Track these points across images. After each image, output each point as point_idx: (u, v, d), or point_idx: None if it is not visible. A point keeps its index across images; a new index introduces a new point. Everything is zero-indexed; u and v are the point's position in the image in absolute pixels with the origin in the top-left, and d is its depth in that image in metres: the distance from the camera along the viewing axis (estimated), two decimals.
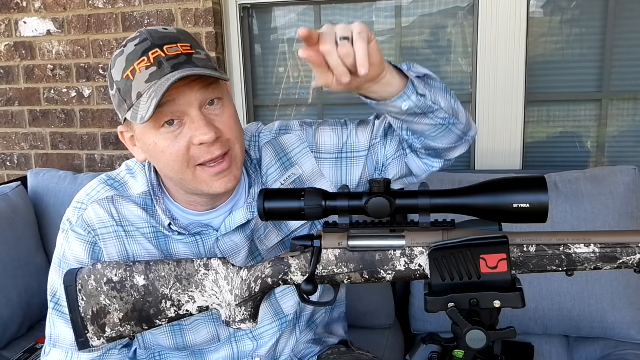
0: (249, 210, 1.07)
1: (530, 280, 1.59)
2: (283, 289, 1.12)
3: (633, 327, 1.64)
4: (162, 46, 0.93)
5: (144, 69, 0.92)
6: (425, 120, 1.00)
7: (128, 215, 1.06)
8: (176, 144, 0.95)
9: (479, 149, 2.11)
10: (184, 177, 0.99)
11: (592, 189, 1.68)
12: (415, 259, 0.83)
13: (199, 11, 2.15)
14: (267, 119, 2.38)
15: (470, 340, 0.78)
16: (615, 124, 2.08)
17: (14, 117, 2.46)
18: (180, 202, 1.08)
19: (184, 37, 0.98)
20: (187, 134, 0.95)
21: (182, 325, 1.10)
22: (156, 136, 0.96)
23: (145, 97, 0.91)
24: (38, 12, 2.32)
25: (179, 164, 0.97)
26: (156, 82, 0.91)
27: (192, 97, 0.94)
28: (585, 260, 0.78)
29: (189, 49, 0.96)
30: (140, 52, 0.93)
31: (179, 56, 0.93)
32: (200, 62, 0.95)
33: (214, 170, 0.97)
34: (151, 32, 0.96)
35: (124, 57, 0.94)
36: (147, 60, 0.92)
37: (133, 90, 0.93)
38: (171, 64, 0.92)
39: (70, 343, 1.06)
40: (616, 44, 2.00)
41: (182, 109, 0.94)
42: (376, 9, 2.20)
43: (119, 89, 0.95)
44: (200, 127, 0.93)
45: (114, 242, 1.06)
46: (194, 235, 1.07)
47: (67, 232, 1.07)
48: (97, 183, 1.10)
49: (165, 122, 0.94)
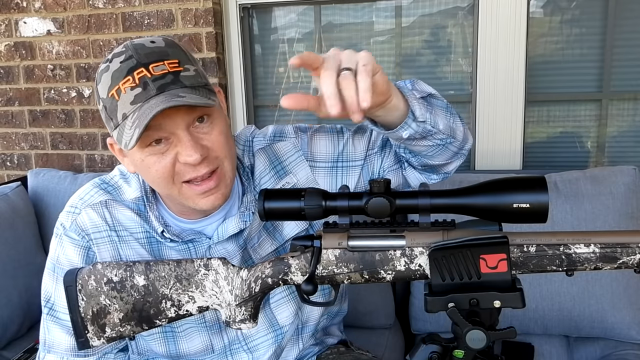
0: (241, 220, 1.05)
1: (530, 280, 1.60)
2: (278, 299, 1.11)
3: (633, 327, 1.64)
4: (147, 65, 0.90)
5: (129, 89, 0.89)
6: (423, 142, 0.98)
7: (122, 219, 1.05)
8: (162, 161, 0.93)
9: (479, 149, 2.11)
10: (171, 193, 0.98)
11: (592, 189, 1.68)
12: (415, 259, 0.83)
13: (199, 11, 2.15)
14: (267, 119, 2.38)
15: (470, 340, 0.78)
16: (615, 124, 2.08)
17: (14, 117, 2.46)
18: (173, 210, 1.07)
19: (173, 51, 0.94)
20: (173, 151, 0.93)
21: (175, 332, 1.09)
22: (142, 153, 0.94)
23: (129, 120, 0.89)
24: (38, 12, 2.32)
25: (165, 180, 0.95)
26: (141, 105, 0.88)
27: (178, 119, 0.91)
28: (585, 260, 0.78)
29: (177, 65, 0.92)
30: (125, 70, 0.90)
31: (165, 75, 0.90)
32: (188, 81, 0.91)
33: (200, 188, 0.96)
34: (137, 48, 0.92)
35: (109, 74, 0.91)
36: (132, 81, 0.89)
37: (118, 111, 0.90)
38: (157, 84, 0.89)
39: (65, 348, 1.06)
40: (616, 44, 2.00)
41: (168, 131, 0.92)
42: (376, 9, 2.20)
43: (105, 106, 0.93)
44: (187, 147, 0.91)
45: (108, 246, 1.05)
46: (186, 242, 1.06)
47: (61, 236, 1.06)
48: (91, 187, 1.09)
49: (153, 141, 0.92)
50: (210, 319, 1.09)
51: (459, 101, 2.17)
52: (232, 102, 2.30)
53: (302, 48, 2.28)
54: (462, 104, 2.17)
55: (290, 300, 1.12)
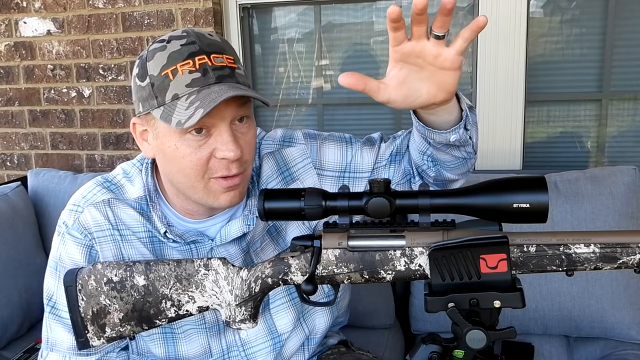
0: (244, 223, 1.05)
1: (530, 280, 1.60)
2: (278, 305, 1.11)
3: (633, 327, 1.64)
4: (209, 53, 0.91)
5: (187, 72, 0.90)
6: (455, 151, 0.99)
7: (124, 218, 1.05)
8: (198, 153, 0.93)
9: (479, 149, 2.10)
10: (195, 186, 0.97)
11: (592, 189, 1.68)
12: (415, 259, 0.83)
13: (199, 11, 2.15)
14: (267, 119, 2.38)
15: (470, 340, 0.78)
16: (615, 124, 2.08)
17: (14, 117, 2.46)
18: (177, 208, 1.06)
19: (228, 48, 0.96)
20: (211, 145, 0.93)
21: (175, 334, 1.09)
22: (179, 140, 0.93)
23: (184, 101, 0.89)
24: (38, 12, 2.32)
25: (195, 172, 0.95)
26: (199, 89, 0.89)
27: (226, 112, 0.92)
28: (585, 260, 0.78)
29: (233, 62, 0.94)
30: (186, 54, 0.91)
31: (224, 68, 0.92)
32: (241, 79, 0.94)
33: (227, 182, 0.96)
34: (199, 36, 0.94)
35: (165, 53, 0.92)
36: (192, 65, 0.90)
37: (169, 90, 0.90)
38: (216, 74, 0.90)
39: (67, 347, 1.06)
40: (616, 44, 2.00)
41: (213, 121, 0.92)
42: (376, 9, 2.20)
43: (152, 83, 0.92)
44: (228, 142, 0.92)
45: (110, 245, 1.04)
46: (188, 243, 1.05)
47: (64, 235, 1.05)
48: (93, 185, 1.08)
49: (194, 129, 0.92)
50: (210, 320, 1.09)
51: None
52: None
53: (302, 48, 2.29)
54: None
55: (290, 307, 1.12)
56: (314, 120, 2.34)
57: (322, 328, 1.19)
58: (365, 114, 2.30)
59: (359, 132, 2.28)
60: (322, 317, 1.18)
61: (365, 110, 2.30)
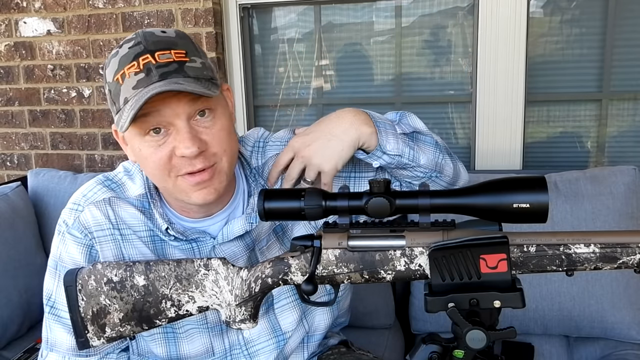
0: (247, 221, 1.04)
1: (530, 280, 1.60)
2: (283, 304, 1.11)
3: (633, 327, 1.64)
4: (154, 52, 0.90)
5: (133, 74, 0.90)
6: (401, 171, 1.06)
7: (125, 217, 1.05)
8: (159, 152, 0.93)
9: (479, 149, 2.11)
10: (166, 186, 0.98)
11: (592, 189, 1.68)
12: (415, 259, 0.83)
13: (199, 11, 2.15)
14: (267, 119, 2.38)
15: (470, 340, 0.78)
16: (615, 124, 2.08)
17: (14, 117, 2.46)
18: (174, 207, 1.06)
19: (182, 42, 0.95)
20: (170, 144, 0.93)
21: (177, 333, 1.09)
22: (141, 142, 0.94)
23: (129, 104, 0.89)
24: (38, 12, 2.32)
25: (160, 172, 0.95)
26: (142, 89, 0.89)
27: (178, 109, 0.91)
28: (585, 260, 0.78)
29: (183, 56, 0.92)
30: (132, 56, 0.91)
31: (170, 64, 0.90)
32: (193, 72, 0.92)
33: (194, 179, 0.95)
34: (146, 35, 0.93)
35: (117, 59, 0.92)
36: (137, 66, 0.90)
37: (121, 95, 0.91)
38: (160, 72, 0.89)
39: (67, 347, 1.06)
40: (616, 44, 2.00)
41: (167, 120, 0.92)
42: (376, 9, 2.19)
43: (110, 90, 0.94)
44: (184, 139, 0.91)
45: (110, 245, 1.04)
46: (190, 242, 1.05)
47: (64, 234, 1.05)
48: (94, 184, 1.08)
49: (152, 129, 0.92)
50: (212, 320, 1.09)
51: (459, 101, 2.17)
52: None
53: (302, 48, 2.29)
54: (462, 104, 2.17)
55: (295, 306, 1.12)
56: (314, 121, 2.33)
57: (321, 326, 1.19)
58: None
59: None
60: (323, 315, 1.19)
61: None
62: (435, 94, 2.21)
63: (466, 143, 2.18)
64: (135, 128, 0.92)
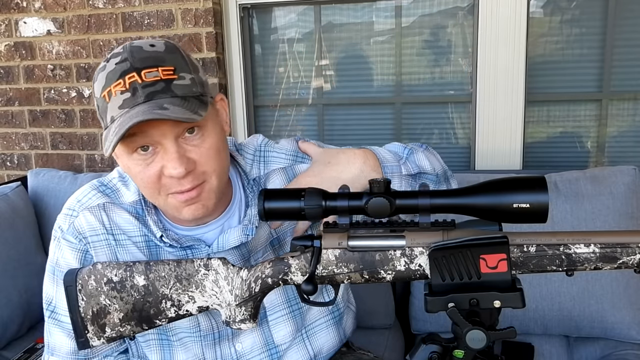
0: (243, 233, 1.02)
1: (530, 280, 1.60)
2: (277, 317, 1.10)
3: (633, 327, 1.64)
4: (140, 70, 0.88)
5: (119, 92, 0.88)
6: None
7: (120, 222, 1.04)
8: (147, 171, 0.92)
9: (479, 149, 2.11)
10: (157, 201, 0.98)
11: (592, 189, 1.68)
12: (415, 259, 0.83)
13: (199, 11, 2.15)
14: (267, 119, 2.38)
15: (470, 340, 0.78)
16: (615, 124, 2.08)
17: (14, 117, 2.46)
18: (168, 216, 1.05)
19: (171, 57, 0.92)
20: (159, 163, 0.91)
21: (171, 342, 1.08)
22: (129, 160, 0.93)
23: (114, 125, 0.87)
24: (38, 12, 2.32)
25: (150, 190, 0.95)
26: (127, 110, 0.87)
27: (165, 129, 0.89)
28: (585, 260, 0.78)
29: (171, 73, 0.89)
30: (119, 73, 0.88)
31: (157, 83, 0.88)
32: (180, 90, 0.89)
33: (182, 197, 0.94)
34: (133, 51, 0.90)
35: (104, 74, 0.90)
36: (123, 84, 0.87)
37: (108, 113, 0.89)
38: (146, 92, 0.87)
39: (66, 352, 1.06)
40: (616, 44, 2.00)
41: (154, 139, 0.90)
42: (376, 9, 2.19)
43: (98, 106, 0.93)
44: (172, 160, 0.89)
45: (105, 250, 1.04)
46: (184, 249, 1.04)
47: (59, 239, 1.05)
48: (89, 189, 1.07)
49: (139, 147, 0.91)
50: (205, 328, 1.07)
51: (459, 101, 2.17)
52: (232, 102, 2.30)
53: (302, 48, 2.29)
54: (462, 104, 2.17)
55: (290, 319, 1.11)
56: (314, 120, 2.34)
57: (326, 347, 1.17)
58: (365, 114, 2.30)
59: (359, 132, 2.29)
60: (327, 335, 1.17)
61: (365, 110, 2.30)
62: (435, 94, 2.21)
63: (466, 143, 2.18)
64: (122, 147, 0.91)
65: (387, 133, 2.26)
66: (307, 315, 1.14)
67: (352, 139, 2.30)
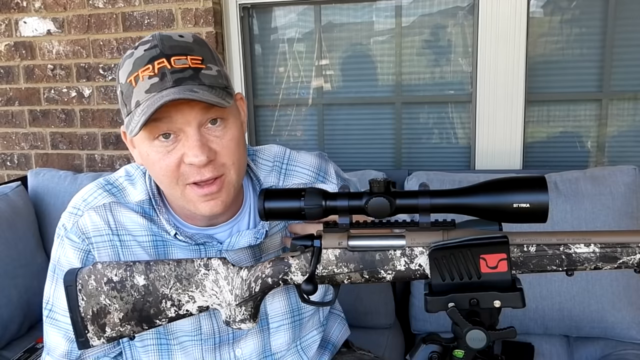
0: (254, 236, 1.03)
1: (530, 280, 1.60)
2: (278, 325, 1.10)
3: (633, 327, 1.64)
4: (170, 56, 0.89)
5: (147, 77, 0.88)
6: None
7: (126, 222, 1.03)
8: (167, 159, 0.92)
9: (479, 149, 2.11)
10: (173, 193, 0.97)
11: (592, 189, 1.68)
12: (415, 258, 0.83)
13: (199, 11, 2.15)
14: (267, 119, 2.38)
15: (470, 340, 0.78)
16: (615, 123, 2.08)
17: (14, 117, 2.46)
18: (179, 214, 1.05)
19: (199, 48, 0.93)
20: (179, 150, 0.91)
21: (170, 345, 1.07)
22: (149, 147, 0.92)
23: (140, 108, 0.88)
24: (38, 12, 2.32)
25: (168, 179, 0.94)
26: (155, 94, 0.87)
27: (190, 116, 0.89)
28: (585, 260, 0.78)
29: (199, 63, 0.90)
30: (147, 59, 0.89)
31: (185, 70, 0.88)
32: (208, 79, 0.90)
33: (202, 191, 0.93)
34: (163, 39, 0.91)
35: (132, 60, 0.91)
36: (151, 69, 0.88)
37: (133, 97, 0.89)
38: (174, 77, 0.87)
39: (59, 353, 1.06)
40: (616, 44, 2.00)
41: (178, 126, 0.90)
42: (376, 8, 2.19)
43: (122, 92, 0.93)
44: (193, 147, 0.89)
45: (108, 251, 1.03)
46: (198, 244, 1.03)
47: (62, 238, 1.05)
48: (95, 188, 1.06)
49: (161, 134, 0.91)
50: (206, 332, 1.07)
51: (459, 101, 2.17)
52: None
53: (302, 48, 2.29)
54: (462, 104, 2.17)
55: (289, 329, 1.12)
56: (314, 121, 2.34)
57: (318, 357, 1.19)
58: (366, 114, 2.30)
59: (359, 132, 2.29)
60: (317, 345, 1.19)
61: (366, 111, 2.30)
62: (435, 93, 2.21)
63: (466, 143, 2.18)
64: (144, 132, 0.90)
65: (387, 133, 2.26)
66: (305, 326, 1.15)
67: (352, 139, 2.30)
